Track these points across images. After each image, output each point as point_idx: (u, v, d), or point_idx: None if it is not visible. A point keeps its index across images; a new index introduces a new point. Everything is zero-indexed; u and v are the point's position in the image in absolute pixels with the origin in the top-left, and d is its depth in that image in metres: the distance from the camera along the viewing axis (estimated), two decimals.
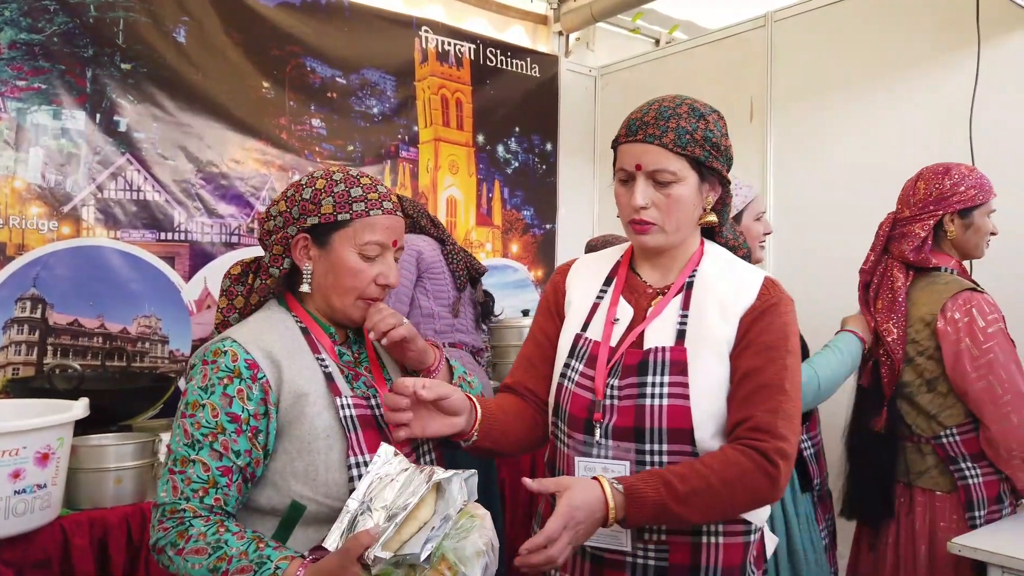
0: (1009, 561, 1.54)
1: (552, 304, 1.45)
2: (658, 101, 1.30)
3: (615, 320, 1.33)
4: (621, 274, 1.39)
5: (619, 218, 1.34)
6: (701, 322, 1.27)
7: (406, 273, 2.49)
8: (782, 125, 3.43)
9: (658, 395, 1.23)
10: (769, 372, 1.22)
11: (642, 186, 1.27)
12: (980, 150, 2.69)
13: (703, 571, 1.24)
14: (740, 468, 1.17)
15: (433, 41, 3.65)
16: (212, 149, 2.98)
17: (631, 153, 1.28)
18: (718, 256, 1.37)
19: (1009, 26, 2.70)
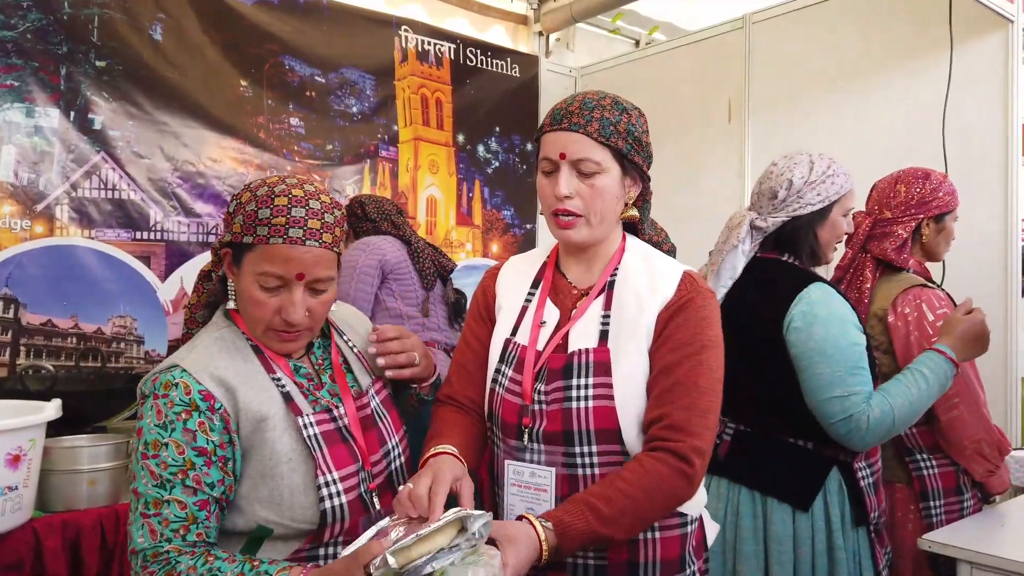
0: (978, 557, 1.57)
1: (483, 308, 1.44)
2: (583, 93, 1.30)
3: (542, 323, 1.33)
4: (547, 276, 1.38)
5: (541, 213, 1.35)
6: (622, 321, 1.28)
7: (366, 280, 2.50)
8: (760, 126, 3.46)
9: (583, 397, 1.23)
10: (683, 369, 1.22)
11: (566, 175, 1.26)
12: (952, 151, 2.73)
13: (642, 567, 1.24)
14: (658, 476, 1.17)
15: (413, 40, 3.64)
16: (189, 148, 2.96)
17: (556, 141, 1.27)
18: (639, 251, 1.37)
19: (980, 29, 2.74)
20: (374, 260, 2.54)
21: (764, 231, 1.74)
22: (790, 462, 1.65)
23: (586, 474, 1.23)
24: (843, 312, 1.60)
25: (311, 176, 3.29)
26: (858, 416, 1.54)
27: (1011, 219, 2.70)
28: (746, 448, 1.70)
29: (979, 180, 2.75)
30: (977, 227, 2.73)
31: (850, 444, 1.57)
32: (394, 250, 2.62)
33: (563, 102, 1.31)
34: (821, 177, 1.71)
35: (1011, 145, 2.69)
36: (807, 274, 1.69)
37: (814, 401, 1.58)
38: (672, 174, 3.82)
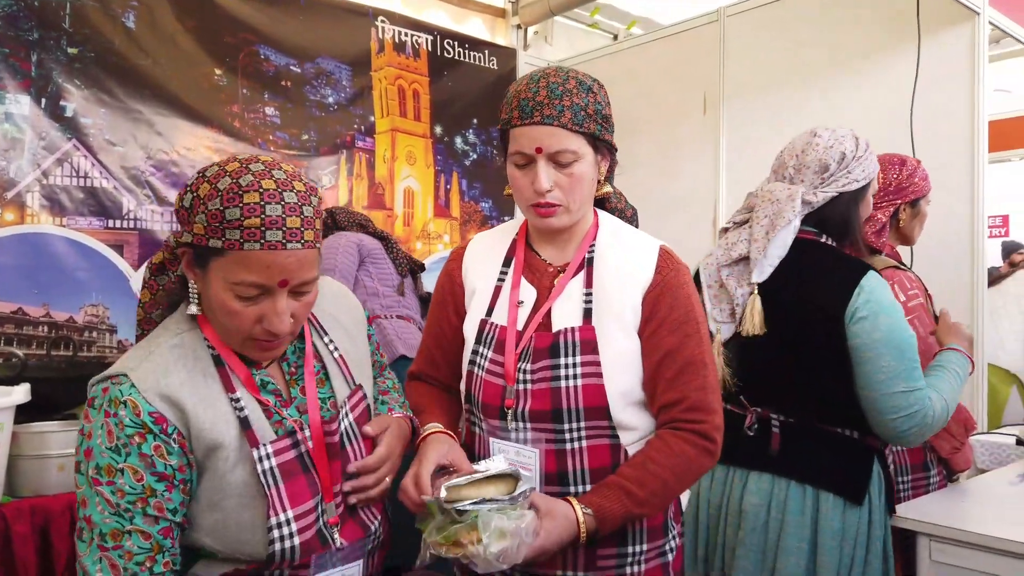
0: (936, 529, 1.60)
1: (448, 293, 1.43)
2: (543, 76, 1.26)
3: (519, 303, 1.32)
4: (519, 254, 1.37)
5: (517, 202, 1.32)
6: (605, 299, 1.29)
7: (348, 258, 2.59)
8: (734, 118, 3.49)
9: (572, 376, 1.25)
10: (689, 349, 1.26)
11: (544, 168, 1.24)
12: (920, 142, 2.77)
13: (630, 535, 1.28)
14: (687, 457, 1.23)
15: (390, 32, 3.64)
16: (162, 136, 2.94)
17: (530, 136, 1.23)
18: (612, 227, 1.38)
19: (947, 21, 2.78)
20: (353, 242, 2.64)
21: (812, 206, 1.60)
22: (840, 453, 1.57)
23: (574, 448, 1.25)
24: (897, 302, 1.55)
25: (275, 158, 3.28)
26: (923, 411, 1.48)
27: (977, 211, 2.75)
28: (797, 440, 1.58)
29: (946, 172, 2.79)
30: (944, 219, 2.77)
31: (906, 439, 1.51)
32: (369, 239, 2.72)
33: (527, 89, 1.24)
34: (865, 153, 1.64)
35: (977, 137, 2.74)
36: (858, 260, 1.59)
37: (875, 394, 1.49)
38: (649, 166, 3.85)
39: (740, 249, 1.62)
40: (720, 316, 1.62)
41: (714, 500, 1.62)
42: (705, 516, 1.64)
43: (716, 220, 3.49)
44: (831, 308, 1.51)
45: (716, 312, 1.62)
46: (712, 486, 1.64)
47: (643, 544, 1.29)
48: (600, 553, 1.26)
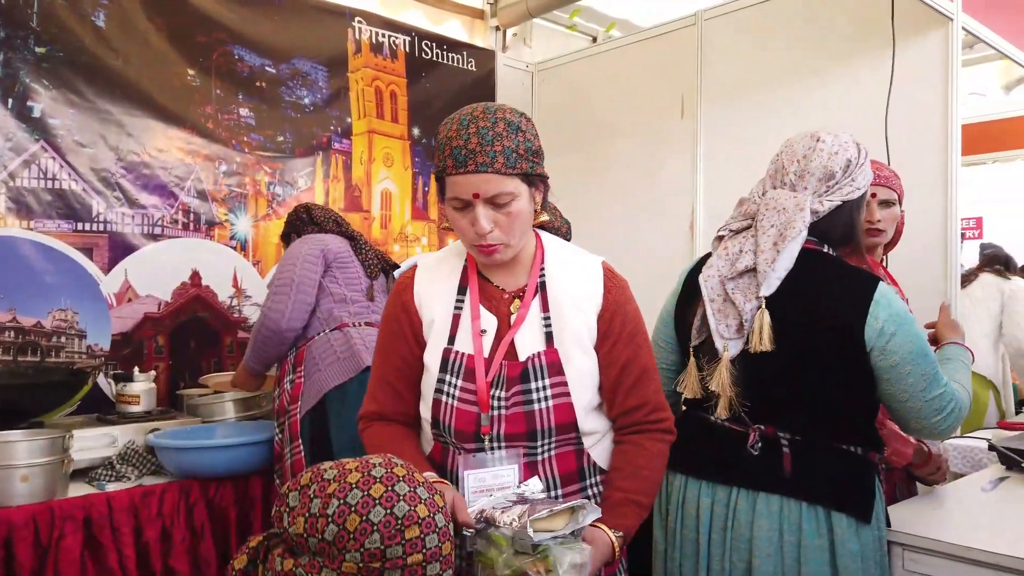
0: (909, 539, 1.60)
1: (406, 324, 1.43)
2: (472, 121, 1.28)
3: (483, 331, 1.38)
4: (473, 282, 1.41)
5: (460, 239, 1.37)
6: (563, 321, 1.37)
7: (310, 267, 2.45)
8: (712, 122, 3.49)
9: (543, 398, 1.34)
10: (643, 358, 1.41)
11: (483, 212, 1.29)
12: (895, 146, 2.78)
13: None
14: (662, 455, 1.42)
15: (367, 32, 3.61)
16: (133, 137, 2.89)
17: (466, 184, 1.27)
18: (556, 249, 1.45)
19: (922, 27, 2.80)
20: (317, 249, 2.50)
21: (818, 215, 1.52)
22: (849, 471, 1.51)
23: (544, 458, 1.36)
24: (907, 307, 1.53)
25: (262, 168, 3.24)
26: (958, 405, 1.51)
27: (950, 215, 2.76)
28: (808, 460, 1.50)
29: (920, 176, 2.81)
30: (918, 223, 2.79)
31: (946, 434, 1.54)
32: (336, 242, 2.57)
33: (458, 136, 1.27)
34: (864, 159, 1.59)
35: (951, 141, 2.76)
36: (865, 272, 1.53)
37: (919, 403, 1.47)
38: (626, 169, 3.85)
39: (746, 261, 1.53)
40: (727, 332, 1.52)
41: (717, 523, 1.53)
42: (707, 540, 1.54)
43: (694, 223, 3.49)
44: (846, 323, 1.45)
45: (723, 328, 1.52)
46: (714, 508, 1.53)
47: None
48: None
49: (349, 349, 2.38)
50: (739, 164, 3.36)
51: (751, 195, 1.65)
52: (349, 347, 2.38)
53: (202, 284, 3.06)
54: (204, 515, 2.32)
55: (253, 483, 2.45)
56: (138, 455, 2.39)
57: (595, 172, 4.00)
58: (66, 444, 2.11)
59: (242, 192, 3.18)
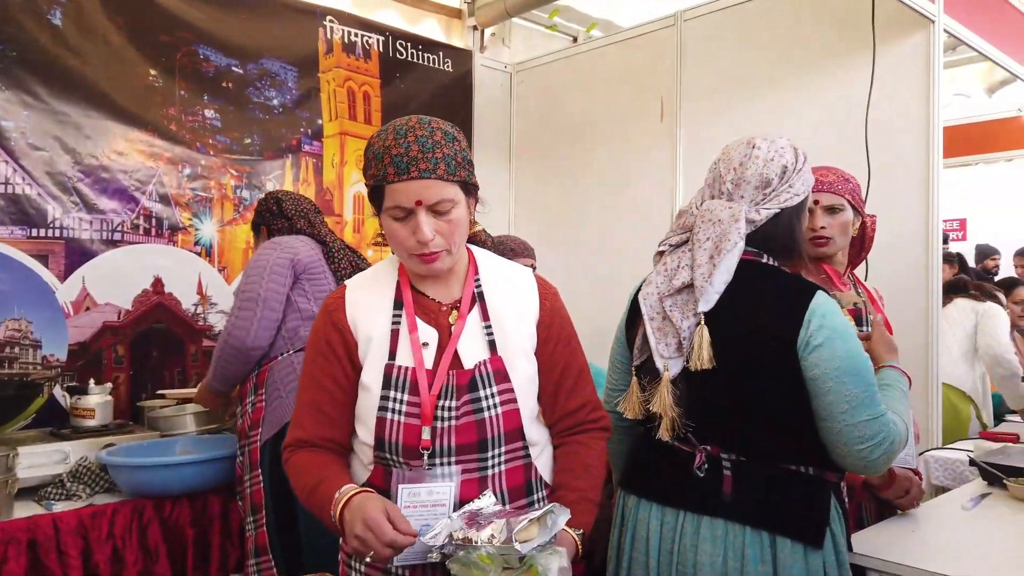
0: (886, 566, 1.53)
1: (338, 345, 1.39)
2: (409, 131, 1.29)
3: (424, 344, 1.36)
4: (408, 296, 1.40)
5: (396, 251, 1.37)
6: (504, 330, 1.40)
7: (277, 280, 2.29)
8: (691, 124, 3.42)
9: (492, 405, 1.34)
10: (579, 360, 1.47)
11: (425, 219, 1.29)
12: (875, 149, 2.72)
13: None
14: (604, 453, 1.48)
15: (339, 32, 3.52)
16: (91, 140, 2.79)
17: (408, 191, 1.28)
18: (487, 260, 1.48)
19: (903, 28, 2.74)
20: (286, 259, 2.33)
21: (755, 224, 1.47)
22: (797, 493, 1.43)
23: (494, 473, 1.35)
24: (849, 324, 1.44)
25: (228, 171, 3.14)
26: (891, 437, 1.37)
27: (932, 219, 2.70)
28: (750, 481, 1.43)
29: (901, 179, 2.75)
30: (899, 227, 2.73)
31: (875, 468, 1.39)
32: (307, 249, 2.41)
33: (397, 145, 1.28)
34: (803, 164, 1.51)
35: (932, 144, 2.70)
36: (804, 282, 1.47)
37: (840, 425, 1.36)
38: (604, 172, 3.77)
39: (683, 276, 1.47)
40: (667, 352, 1.46)
41: (665, 546, 1.47)
42: (656, 563, 1.48)
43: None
44: (782, 336, 1.38)
45: (662, 347, 1.46)
46: (663, 531, 1.48)
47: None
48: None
49: None
50: None
51: (690, 206, 1.57)
52: None
53: (165, 291, 2.96)
54: (159, 535, 2.23)
55: (212, 501, 2.36)
56: (90, 472, 2.30)
57: (574, 174, 3.92)
58: (10, 463, 2.02)
59: (207, 196, 3.09)
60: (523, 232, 4.06)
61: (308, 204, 2.61)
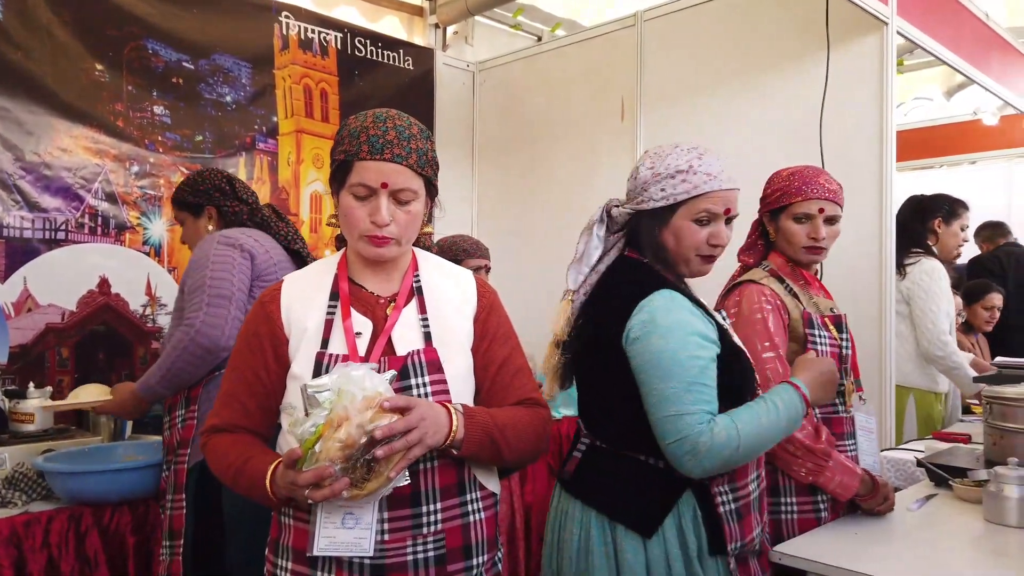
0: (824, 569, 1.52)
1: (266, 337, 1.39)
2: (388, 118, 1.34)
3: (358, 334, 1.36)
4: (344, 288, 1.41)
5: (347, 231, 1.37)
6: (442, 324, 1.40)
7: (243, 279, 2.08)
8: (652, 124, 3.42)
9: (423, 394, 1.33)
10: (516, 358, 1.47)
11: (386, 203, 1.32)
12: (829, 150, 2.73)
13: (474, 548, 1.36)
14: (533, 418, 1.42)
15: (295, 28, 3.46)
16: (33, 136, 2.71)
17: (377, 170, 1.30)
18: (427, 258, 1.49)
19: (856, 31, 2.75)
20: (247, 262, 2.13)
21: (615, 222, 1.58)
22: (639, 483, 1.48)
23: (426, 468, 1.31)
24: (687, 322, 1.44)
25: (178, 169, 3.08)
26: (693, 438, 1.37)
27: (885, 219, 2.72)
28: (597, 466, 1.54)
29: (855, 179, 2.75)
30: (852, 227, 2.73)
31: (684, 468, 1.40)
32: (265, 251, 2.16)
33: (375, 127, 1.32)
34: (672, 172, 1.50)
35: (885, 144, 2.71)
36: (653, 280, 1.50)
37: (652, 418, 1.42)
38: (567, 171, 3.76)
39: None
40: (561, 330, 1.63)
41: (551, 523, 1.61)
42: (549, 536, 1.62)
43: None
44: (614, 327, 1.47)
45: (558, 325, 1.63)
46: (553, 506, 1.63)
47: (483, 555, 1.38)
48: (450, 569, 1.33)
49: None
50: None
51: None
52: None
53: (111, 292, 2.88)
54: (98, 544, 2.15)
55: (154, 508, 2.29)
56: (27, 479, 2.22)
57: (535, 173, 3.90)
58: None
59: (156, 194, 3.02)
60: (485, 230, 4.04)
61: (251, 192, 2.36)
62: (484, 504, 1.40)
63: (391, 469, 1.18)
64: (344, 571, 1.29)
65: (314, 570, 1.31)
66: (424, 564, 1.30)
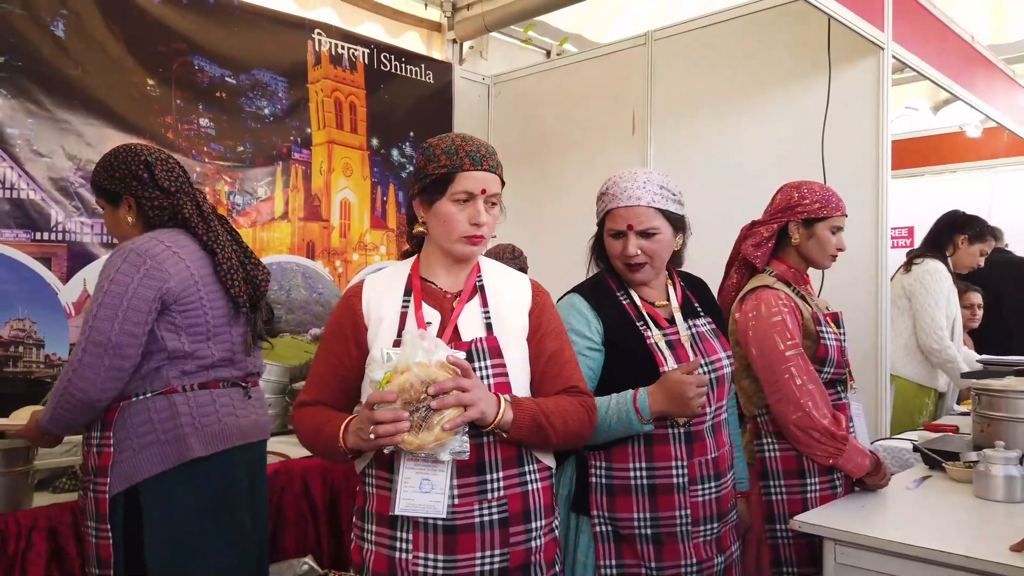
0: (839, 534, 1.74)
1: (349, 326, 1.60)
2: (474, 138, 1.60)
3: (428, 323, 1.57)
4: (417, 284, 1.62)
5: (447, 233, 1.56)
6: (501, 316, 1.61)
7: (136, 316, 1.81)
8: (661, 138, 3.64)
9: (486, 376, 1.52)
10: (566, 351, 1.65)
11: (483, 207, 1.56)
12: (831, 164, 2.97)
13: (533, 513, 1.55)
14: (576, 408, 1.58)
15: (326, 44, 3.66)
16: (92, 147, 2.89)
17: (480, 180, 1.55)
18: (489, 262, 1.72)
19: (855, 54, 2.99)
20: (151, 291, 1.83)
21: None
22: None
23: (488, 441, 1.50)
24: (566, 319, 1.76)
25: (222, 177, 3.27)
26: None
27: (881, 229, 2.96)
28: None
29: (854, 193, 2.99)
30: (852, 237, 2.97)
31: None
32: (182, 270, 1.88)
33: (468, 144, 1.57)
34: (599, 195, 1.89)
35: (881, 160, 2.95)
36: (581, 284, 1.90)
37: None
38: (578, 182, 3.96)
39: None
40: None
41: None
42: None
43: None
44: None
45: None
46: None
47: (541, 520, 1.56)
48: (512, 531, 1.51)
49: (174, 429, 1.86)
50: (689, 181, 3.47)
51: None
52: (174, 425, 1.87)
53: None
54: None
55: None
56: None
57: (549, 184, 4.12)
58: (31, 454, 2.13)
59: None
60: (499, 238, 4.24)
61: (185, 175, 2.03)
62: (541, 475, 1.58)
63: (445, 421, 1.37)
64: (420, 531, 1.48)
65: (395, 531, 1.50)
66: (489, 526, 1.48)
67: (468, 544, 1.47)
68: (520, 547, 1.52)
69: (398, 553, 1.49)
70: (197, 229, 1.96)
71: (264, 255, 3.40)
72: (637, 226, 1.80)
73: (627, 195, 1.80)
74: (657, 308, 1.87)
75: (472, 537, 1.48)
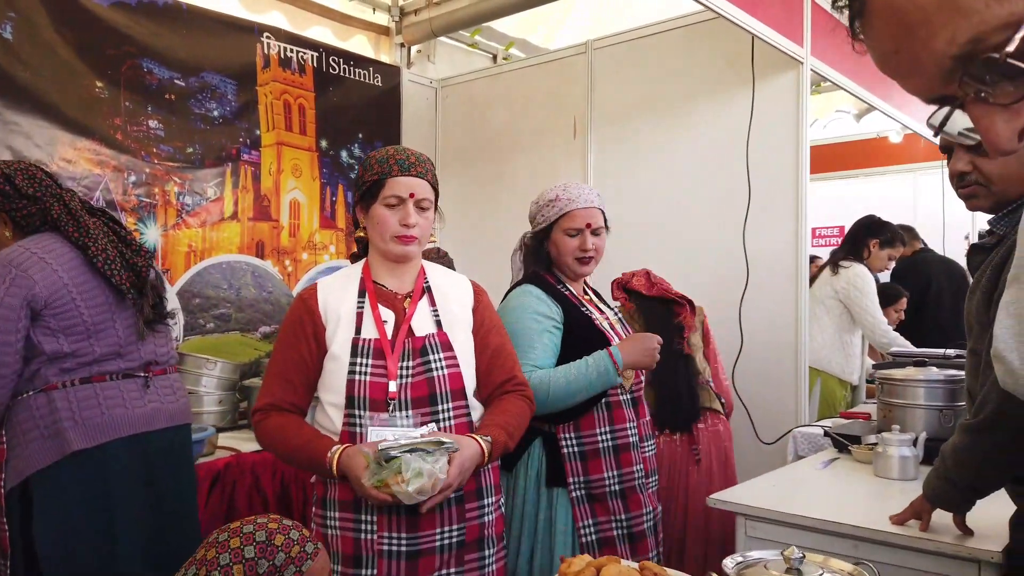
0: (749, 510, 1.93)
1: (308, 325, 1.72)
2: (406, 148, 1.77)
3: (385, 322, 1.73)
4: (370, 287, 1.78)
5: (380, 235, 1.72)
6: (449, 313, 1.79)
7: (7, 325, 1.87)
8: (600, 143, 3.82)
9: (440, 367, 1.70)
10: (507, 344, 1.86)
11: (412, 209, 1.71)
12: (755, 171, 3.18)
13: (485, 491, 1.74)
14: (524, 409, 1.80)
15: (275, 47, 3.74)
16: (41, 148, 2.93)
17: (407, 184, 1.71)
18: (431, 265, 1.90)
19: (777, 68, 3.21)
20: (16, 300, 1.88)
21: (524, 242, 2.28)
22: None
23: (445, 426, 1.67)
24: (528, 304, 2.05)
25: (171, 178, 3.33)
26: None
27: (801, 230, 3.18)
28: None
29: (777, 197, 3.22)
30: (775, 238, 3.20)
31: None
32: (49, 275, 1.93)
33: (398, 153, 1.74)
34: (545, 202, 2.16)
35: (800, 166, 3.17)
36: (525, 278, 2.16)
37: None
38: (524, 184, 4.12)
39: None
40: None
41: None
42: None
43: None
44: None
45: None
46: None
47: (492, 497, 1.76)
48: (467, 507, 1.69)
49: (54, 425, 1.93)
50: (626, 185, 3.71)
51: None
52: (54, 421, 1.93)
53: None
54: None
55: None
56: None
57: (494, 185, 4.26)
58: None
59: (151, 202, 3.26)
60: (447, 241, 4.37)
61: (49, 178, 2.08)
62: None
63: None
64: (384, 514, 1.62)
65: (359, 515, 1.64)
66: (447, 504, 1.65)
67: (429, 522, 1.64)
68: (475, 522, 1.70)
69: (363, 535, 1.63)
70: (68, 227, 2.01)
71: (214, 254, 3.47)
72: (593, 224, 2.15)
73: (583, 199, 2.13)
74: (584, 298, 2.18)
75: (432, 516, 1.64)
